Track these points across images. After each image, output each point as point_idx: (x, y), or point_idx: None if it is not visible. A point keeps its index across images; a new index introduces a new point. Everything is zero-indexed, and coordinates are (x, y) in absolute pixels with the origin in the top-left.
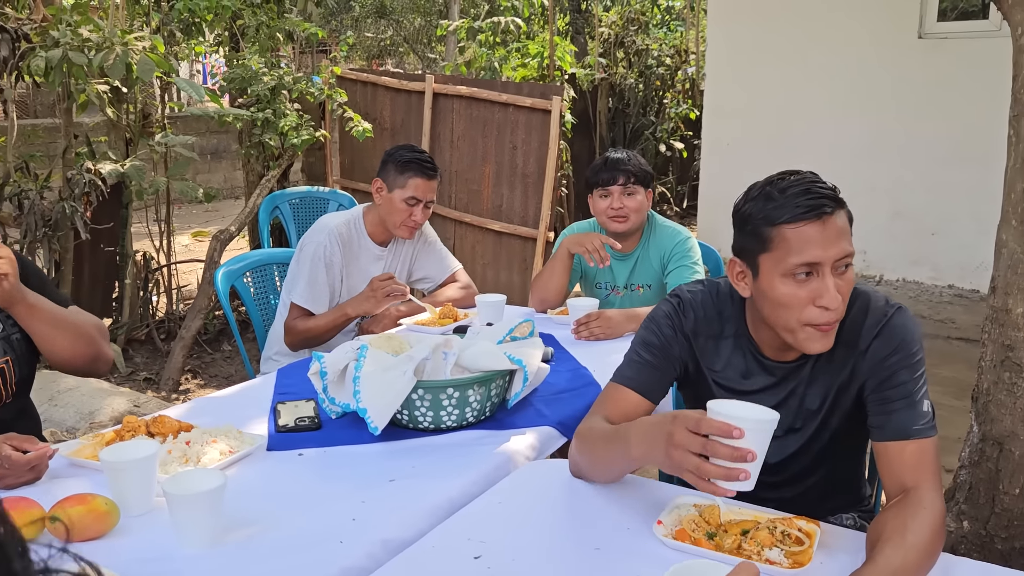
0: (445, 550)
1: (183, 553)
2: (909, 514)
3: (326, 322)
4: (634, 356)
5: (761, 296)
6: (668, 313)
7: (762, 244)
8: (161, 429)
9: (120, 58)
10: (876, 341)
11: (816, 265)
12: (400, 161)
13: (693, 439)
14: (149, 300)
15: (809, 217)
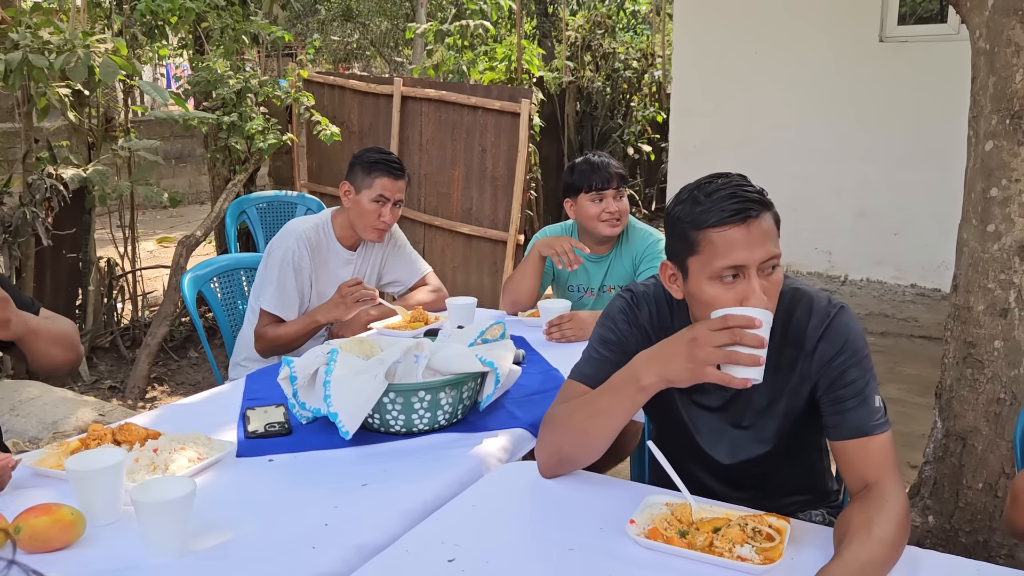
0: (419, 554)
1: (151, 562)
2: (873, 508)
3: (296, 329)
4: (592, 353)
5: (691, 298)
6: (622, 308)
7: (689, 247)
8: (128, 437)
9: (82, 60)
10: (821, 343)
11: (742, 268)
12: (367, 162)
13: (720, 334)
14: (114, 307)
15: (734, 221)
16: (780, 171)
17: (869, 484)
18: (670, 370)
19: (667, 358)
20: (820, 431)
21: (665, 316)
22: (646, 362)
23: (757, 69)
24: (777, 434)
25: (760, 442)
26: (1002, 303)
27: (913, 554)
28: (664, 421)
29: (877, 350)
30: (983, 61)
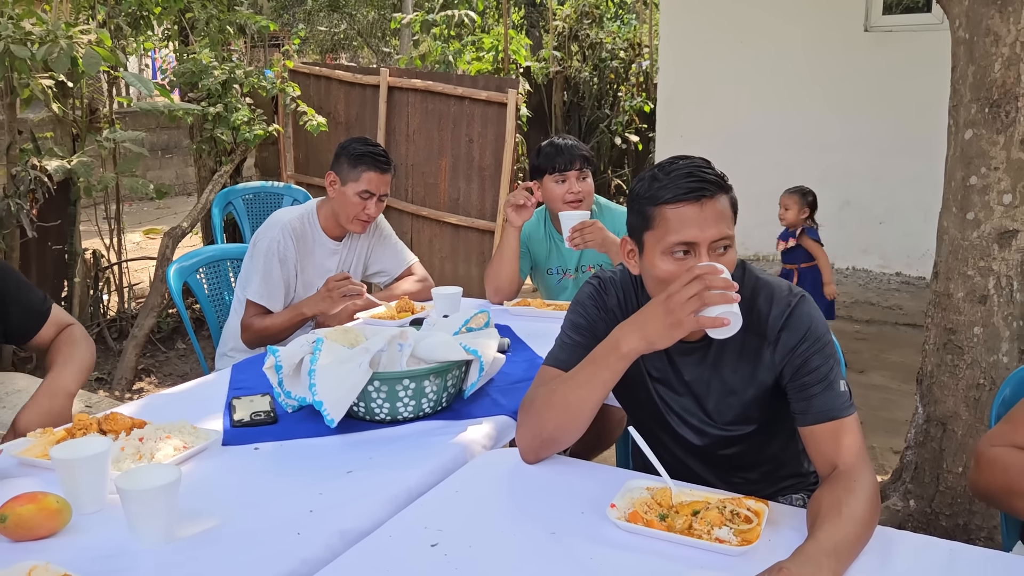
0: (402, 539)
1: (138, 549)
2: (842, 490)
3: (282, 321)
4: (565, 339)
5: (645, 273)
6: (591, 294)
7: (646, 222)
8: (113, 426)
9: (64, 51)
10: (784, 332)
11: (693, 244)
12: (353, 154)
13: (690, 285)
14: (100, 299)
15: (688, 199)
16: (766, 159)
17: (838, 467)
18: (650, 332)
19: (645, 322)
20: (789, 416)
21: (632, 300)
22: (626, 330)
23: (743, 58)
24: (742, 419)
25: (726, 426)
26: (981, 290)
27: (888, 535)
28: (637, 404)
29: (862, 338)
30: (963, 50)
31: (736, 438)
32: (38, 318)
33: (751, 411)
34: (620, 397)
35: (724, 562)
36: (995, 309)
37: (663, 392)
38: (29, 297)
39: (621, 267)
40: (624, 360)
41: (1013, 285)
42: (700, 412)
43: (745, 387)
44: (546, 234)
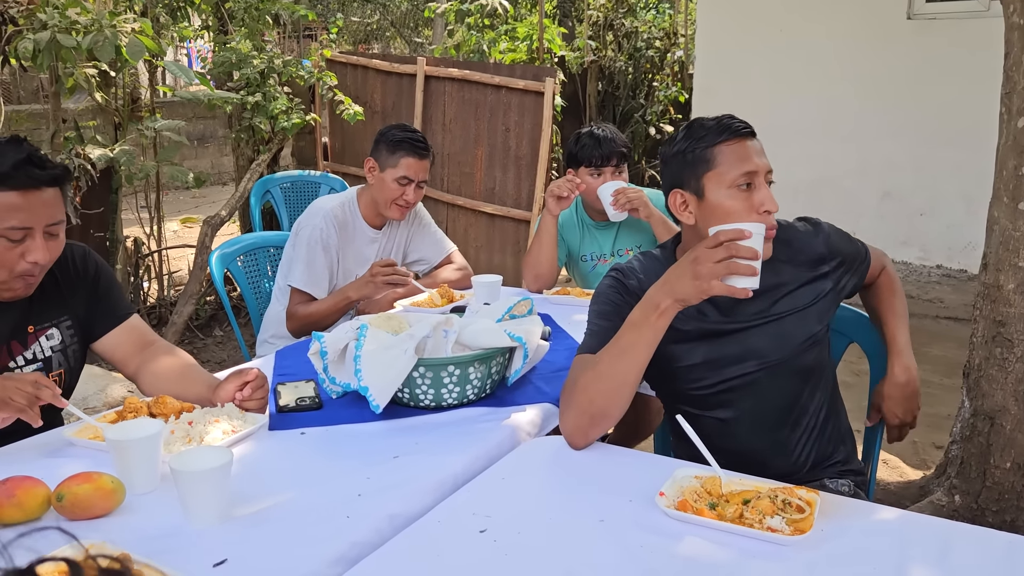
0: (451, 524)
1: (191, 529)
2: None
3: (327, 306)
4: (593, 328)
5: (708, 214)
6: (610, 284)
7: (705, 165)
8: (163, 410)
9: (109, 40)
10: (826, 248)
11: (754, 174)
12: (392, 140)
13: (715, 251)
14: (140, 286)
15: (741, 135)
16: (804, 150)
17: (884, 267)
18: (679, 290)
19: (675, 280)
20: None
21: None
22: (657, 290)
23: (780, 47)
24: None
25: (775, 374)
26: None
27: (945, 528)
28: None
29: None
30: (1017, 36)
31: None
32: (110, 318)
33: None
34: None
35: (777, 551)
36: None
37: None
38: (113, 295)
39: (638, 258)
40: (664, 318)
41: None
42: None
43: (787, 312)
44: (578, 221)
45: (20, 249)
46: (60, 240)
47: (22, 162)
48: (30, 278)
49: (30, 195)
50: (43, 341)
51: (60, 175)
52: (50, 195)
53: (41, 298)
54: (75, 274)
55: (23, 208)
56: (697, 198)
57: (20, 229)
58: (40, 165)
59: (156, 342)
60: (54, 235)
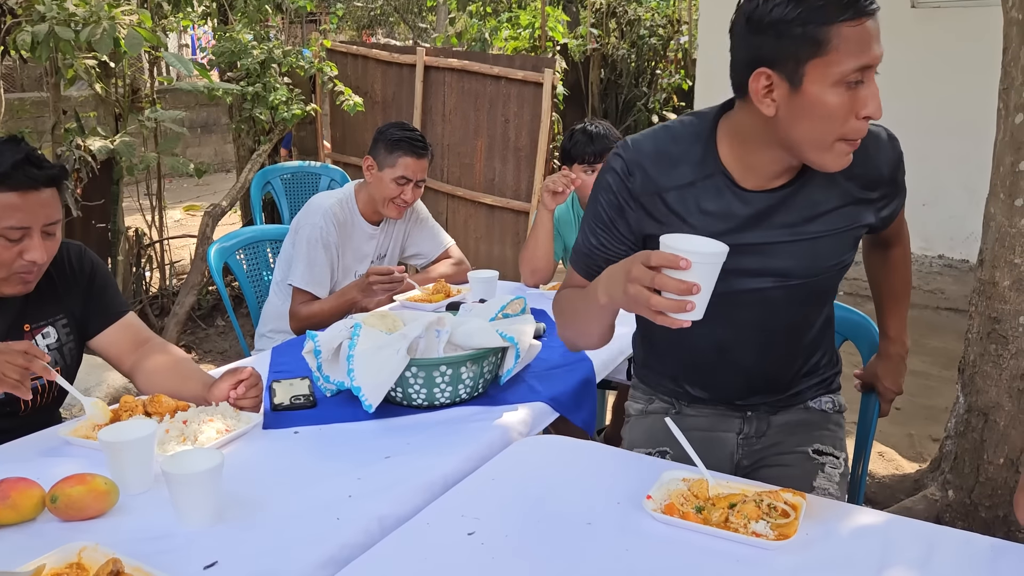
0: (440, 526)
1: (184, 531)
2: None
3: (330, 307)
4: (582, 240)
5: (798, 110)
6: (612, 183)
7: (815, 48)
8: (158, 409)
9: (107, 32)
10: (888, 170)
11: (870, 69)
12: (390, 140)
13: (645, 273)
14: (142, 276)
15: (869, 11)
16: None
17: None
18: (615, 296)
19: (615, 282)
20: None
21: (672, 172)
22: (605, 280)
23: None
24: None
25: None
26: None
27: (929, 531)
28: None
29: None
30: (1015, 32)
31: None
32: (106, 316)
33: (817, 247)
34: None
35: (760, 556)
36: None
37: None
38: (108, 293)
39: (653, 134)
40: (604, 311)
41: None
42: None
43: (816, 220)
44: (575, 217)
45: (18, 248)
46: (57, 239)
47: (20, 162)
48: (28, 276)
49: (28, 195)
50: (39, 340)
51: (57, 175)
52: (48, 195)
53: (37, 297)
54: (71, 272)
55: (21, 208)
56: (790, 86)
57: (18, 228)
58: (38, 165)
59: (151, 339)
60: (51, 234)
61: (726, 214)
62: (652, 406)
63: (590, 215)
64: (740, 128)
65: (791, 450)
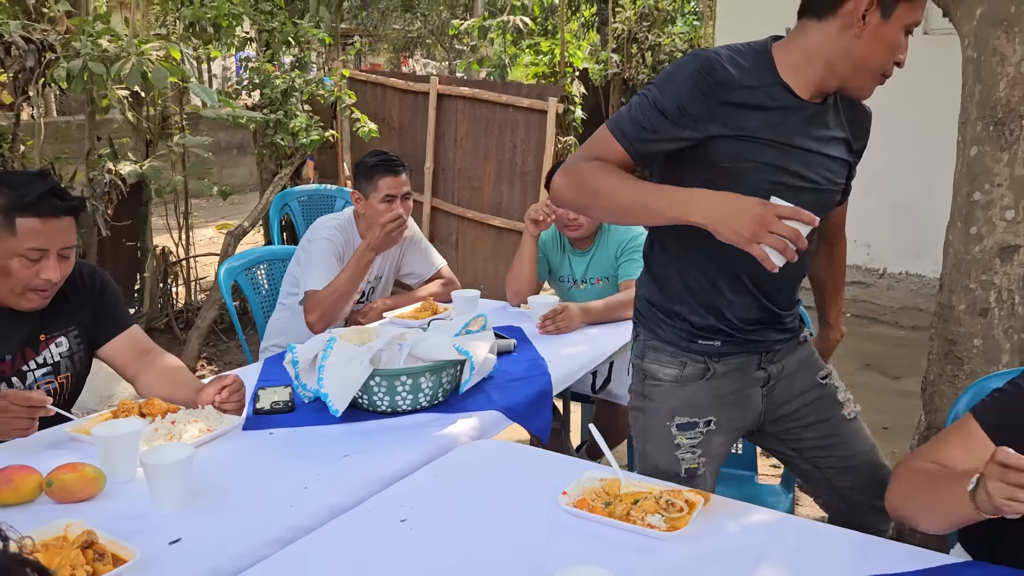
0: (379, 514)
1: (158, 513)
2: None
3: (350, 271)
4: (640, 114)
5: (878, 38)
6: (688, 79)
7: None
8: (151, 410)
9: (135, 67)
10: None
11: (915, 25)
12: (367, 167)
13: (782, 226)
14: (168, 291)
15: None
16: None
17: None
18: (724, 224)
19: (730, 215)
20: None
21: (745, 77)
22: (706, 204)
23: None
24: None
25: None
26: (983, 303)
27: (811, 528)
28: None
29: (903, 344)
30: (971, 69)
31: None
32: (112, 328)
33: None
34: None
35: (654, 545)
36: (996, 322)
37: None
38: (116, 309)
39: (726, 47)
40: (679, 224)
41: (1015, 299)
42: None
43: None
44: (559, 243)
45: (36, 268)
46: (71, 262)
47: (46, 193)
48: (43, 292)
49: (49, 222)
50: (53, 348)
51: (76, 206)
52: (66, 223)
53: (52, 310)
54: (82, 289)
55: (42, 233)
56: (882, 16)
57: (38, 250)
58: (61, 197)
59: (153, 350)
60: (66, 257)
61: (783, 116)
62: (686, 371)
63: (648, 103)
64: (805, 46)
65: (808, 388)
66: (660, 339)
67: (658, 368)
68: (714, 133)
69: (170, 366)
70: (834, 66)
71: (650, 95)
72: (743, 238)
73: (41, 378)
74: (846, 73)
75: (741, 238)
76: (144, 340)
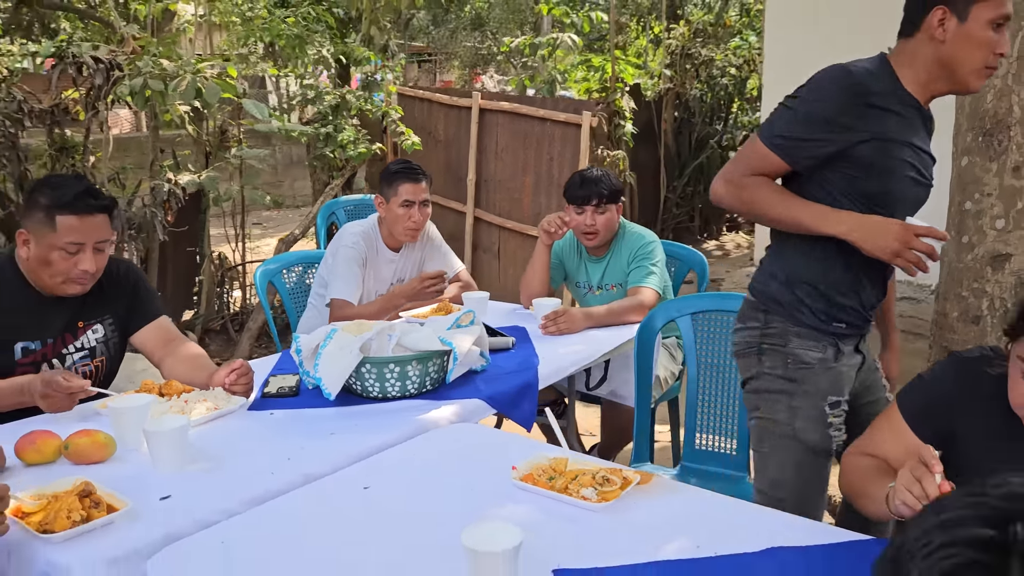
0: (344, 481)
1: (156, 475)
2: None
3: (377, 309)
4: (793, 128)
5: (961, 40)
6: (846, 90)
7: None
8: (169, 391)
9: (190, 84)
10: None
11: (1008, 17)
12: (390, 173)
13: (920, 243)
14: (223, 295)
15: None
16: None
17: None
18: (870, 241)
19: (875, 233)
20: None
21: (882, 84)
22: (853, 223)
23: None
24: None
25: None
26: (975, 311)
27: (732, 505)
28: None
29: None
30: None
31: None
32: (143, 317)
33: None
34: None
35: (584, 515)
36: (988, 329)
37: None
38: (147, 301)
39: (854, 64)
40: (826, 235)
41: (1007, 306)
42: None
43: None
44: (576, 250)
45: (74, 260)
46: (105, 254)
47: (81, 193)
48: (82, 281)
49: (85, 219)
50: (90, 334)
51: (109, 205)
52: (100, 219)
53: (91, 300)
54: (118, 283)
55: (79, 229)
56: (959, 20)
57: (75, 244)
58: (95, 196)
59: (178, 339)
60: (101, 250)
61: (911, 119)
62: (828, 352)
63: (799, 115)
64: (909, 60)
65: (869, 369)
66: (802, 324)
67: (804, 352)
68: (862, 138)
69: (192, 353)
70: (934, 73)
71: (800, 108)
72: (886, 254)
73: (78, 360)
74: (947, 76)
75: (885, 253)
76: (171, 330)
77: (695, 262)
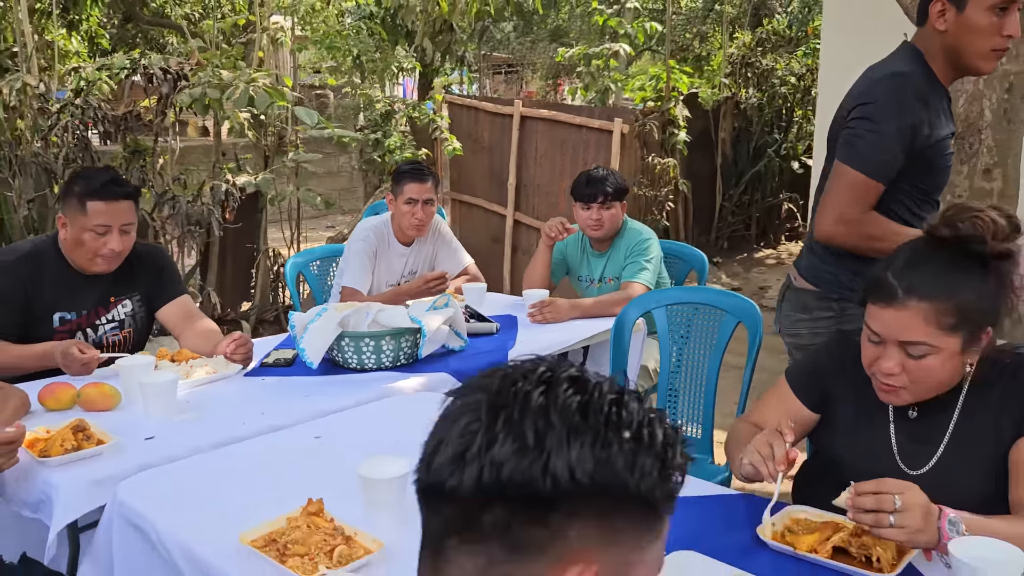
0: (300, 432)
1: (149, 421)
2: None
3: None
4: (882, 154)
5: (962, 29)
6: (912, 96)
7: None
8: (180, 357)
9: (243, 93)
10: None
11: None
12: (398, 173)
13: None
14: (277, 288)
15: None
16: None
17: None
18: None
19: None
20: None
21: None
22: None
23: None
24: None
25: None
26: None
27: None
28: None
29: None
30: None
31: None
32: (166, 296)
33: None
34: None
35: None
36: None
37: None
38: (171, 281)
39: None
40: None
41: None
42: None
43: None
44: (581, 244)
45: (103, 240)
46: (131, 236)
47: (108, 182)
48: (111, 259)
49: (112, 204)
50: (120, 308)
51: (132, 192)
52: (125, 205)
53: (121, 278)
54: (145, 265)
55: (106, 212)
56: (957, 10)
57: (103, 226)
58: (120, 184)
59: (196, 315)
60: (126, 232)
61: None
62: None
63: (883, 136)
64: (929, 46)
65: None
66: None
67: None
68: (926, 141)
69: (206, 328)
70: (944, 59)
71: (883, 128)
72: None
73: (109, 331)
74: (955, 63)
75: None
76: (191, 307)
77: (695, 260)
